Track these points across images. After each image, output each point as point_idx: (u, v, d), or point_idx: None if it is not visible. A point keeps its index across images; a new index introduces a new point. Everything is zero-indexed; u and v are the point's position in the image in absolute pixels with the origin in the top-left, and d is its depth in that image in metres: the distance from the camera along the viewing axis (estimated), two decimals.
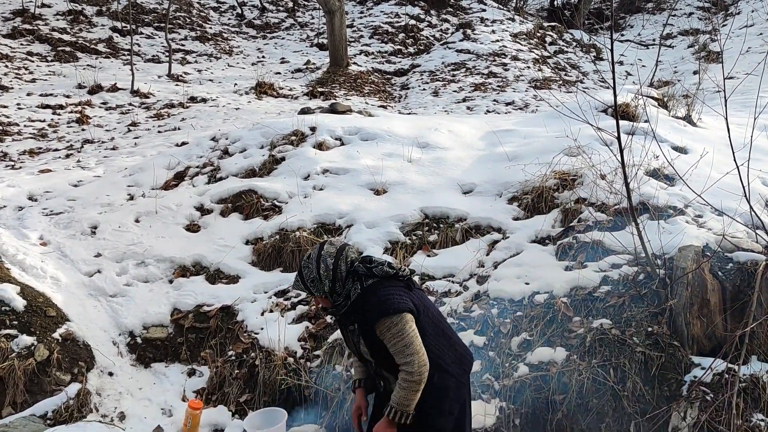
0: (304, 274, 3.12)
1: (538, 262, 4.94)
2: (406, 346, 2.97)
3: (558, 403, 4.06)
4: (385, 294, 3.05)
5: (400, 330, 2.97)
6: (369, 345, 3.11)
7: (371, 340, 3.08)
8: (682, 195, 5.21)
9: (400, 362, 2.97)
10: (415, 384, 2.97)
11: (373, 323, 3.01)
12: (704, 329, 4.27)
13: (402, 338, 2.97)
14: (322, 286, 3.09)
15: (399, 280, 3.17)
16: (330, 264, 3.09)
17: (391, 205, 5.99)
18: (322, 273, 3.08)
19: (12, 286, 4.94)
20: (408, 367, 2.95)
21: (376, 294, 3.05)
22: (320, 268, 3.09)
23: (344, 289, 3.11)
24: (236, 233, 6.04)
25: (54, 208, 6.54)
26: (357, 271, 3.13)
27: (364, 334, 3.10)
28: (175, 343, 5.21)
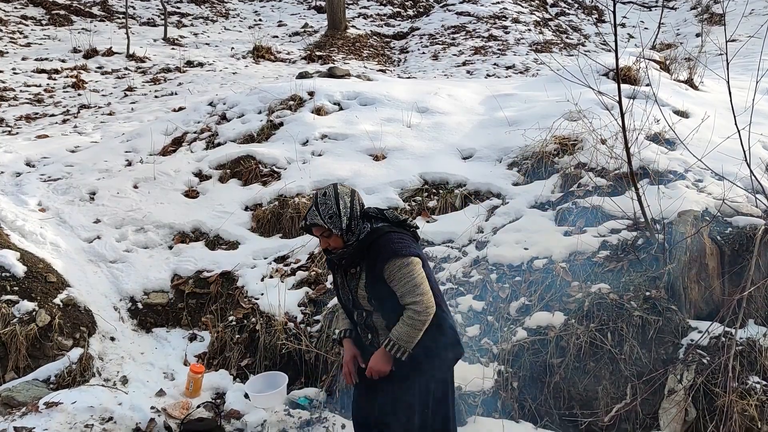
0: (322, 210, 3.07)
1: (537, 228, 4.95)
2: (416, 285, 2.98)
3: (556, 366, 4.10)
4: (397, 237, 3.07)
5: (411, 270, 2.98)
6: (370, 287, 3.07)
7: (374, 282, 3.05)
8: (683, 159, 5.19)
9: (408, 302, 2.98)
10: (420, 323, 2.98)
11: (385, 262, 2.99)
12: (702, 293, 4.29)
13: (413, 278, 2.97)
14: (340, 222, 3.06)
15: (406, 230, 3.19)
16: (348, 201, 3.09)
17: (391, 170, 5.97)
18: (342, 209, 3.06)
19: (12, 252, 4.95)
20: (416, 306, 2.97)
21: (387, 236, 3.06)
22: (340, 204, 3.07)
23: (357, 228, 3.10)
24: (235, 199, 6.03)
25: (52, 174, 6.52)
26: (368, 213, 3.16)
27: (368, 275, 3.06)
28: (176, 308, 5.24)
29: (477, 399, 4.03)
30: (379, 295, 3.07)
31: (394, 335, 3.02)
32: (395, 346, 3.02)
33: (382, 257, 3.00)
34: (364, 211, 3.16)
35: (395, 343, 3.02)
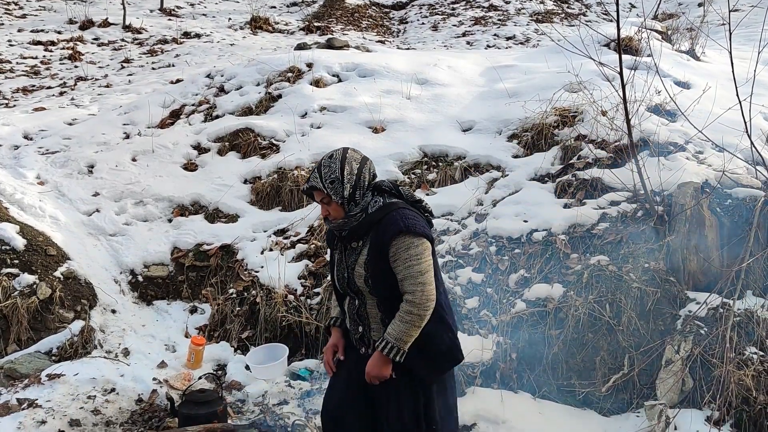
0: (324, 173, 2.75)
1: (537, 200, 4.94)
2: (421, 272, 2.64)
3: (554, 337, 4.13)
4: (412, 214, 2.74)
5: (419, 253, 2.65)
6: (372, 264, 2.74)
7: (377, 260, 2.73)
8: (684, 131, 5.16)
9: (408, 289, 2.65)
10: (418, 318, 2.63)
11: (394, 236, 2.66)
12: (701, 265, 4.30)
13: (419, 262, 2.64)
14: (342, 189, 2.73)
15: (421, 212, 2.87)
16: (355, 168, 2.76)
17: (390, 143, 5.94)
18: (346, 175, 2.73)
19: (11, 225, 4.95)
20: (414, 297, 2.62)
21: (400, 211, 2.73)
22: (345, 170, 2.74)
23: (363, 200, 2.77)
24: (234, 172, 6.01)
25: (50, 147, 6.49)
26: (381, 186, 2.83)
27: (372, 250, 2.74)
28: (176, 281, 5.26)
29: (476, 370, 4.06)
30: (379, 275, 2.74)
31: (390, 335, 2.67)
32: (393, 348, 2.67)
33: (392, 230, 2.67)
34: (377, 183, 2.83)
35: (393, 345, 2.66)
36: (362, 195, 2.76)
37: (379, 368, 2.74)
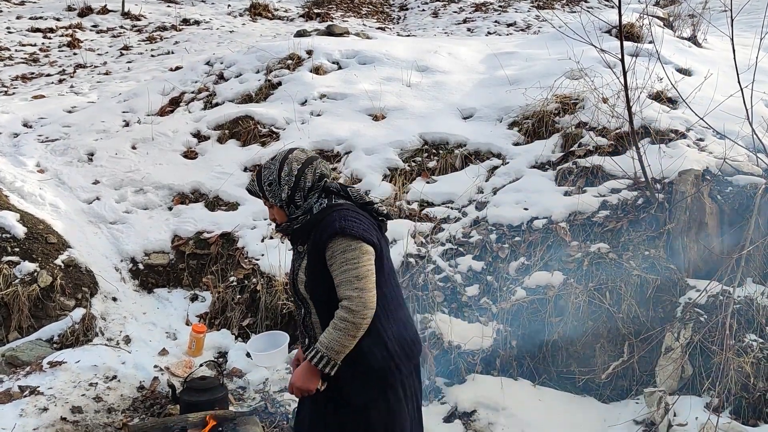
0: (264, 175, 2.62)
1: (538, 188, 4.94)
2: (358, 277, 2.41)
3: (554, 325, 4.14)
4: (353, 216, 2.52)
5: (356, 257, 2.43)
6: (310, 270, 2.55)
7: (314, 264, 2.53)
8: (685, 118, 5.15)
9: (344, 295, 2.42)
10: (353, 327, 2.38)
11: (328, 238, 2.46)
12: (701, 252, 4.31)
13: (356, 267, 2.42)
14: (279, 192, 2.58)
15: (372, 215, 2.65)
16: (295, 169, 2.58)
17: (390, 131, 5.92)
18: (284, 177, 2.58)
19: (11, 213, 4.94)
20: (350, 303, 2.39)
21: (341, 212, 2.52)
22: (282, 171, 2.59)
23: (305, 202, 2.60)
24: (234, 160, 6.00)
25: (49, 135, 6.47)
26: (328, 187, 2.62)
27: (310, 253, 2.54)
28: (177, 269, 5.26)
29: (476, 357, 4.08)
30: (317, 281, 2.54)
31: (321, 343, 2.42)
32: (323, 359, 2.41)
33: (328, 231, 2.46)
34: (325, 185, 2.62)
35: (323, 355, 2.41)
36: (304, 197, 2.60)
37: (303, 380, 2.49)
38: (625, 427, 3.62)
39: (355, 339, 2.41)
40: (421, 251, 4.72)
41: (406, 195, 5.29)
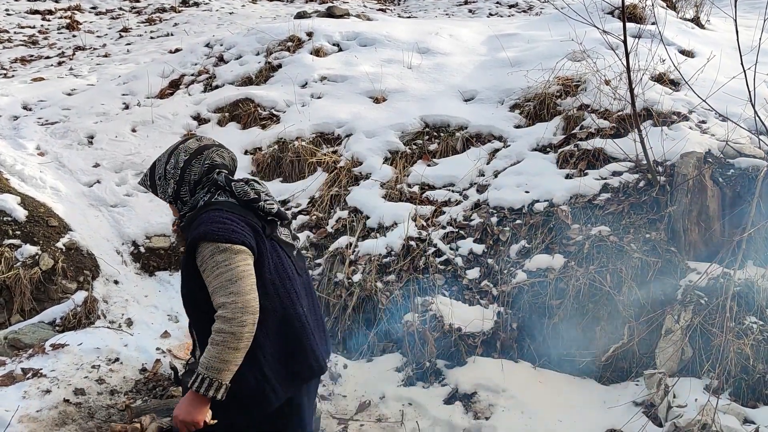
0: (156, 168, 2.44)
1: (539, 171, 4.93)
2: (231, 281, 2.13)
3: (554, 307, 4.15)
4: (222, 216, 2.24)
5: (226, 259, 2.16)
6: (183, 276, 2.33)
7: (187, 269, 2.28)
8: (687, 100, 5.12)
9: (218, 303, 2.14)
10: (232, 338, 2.08)
11: (194, 244, 2.21)
12: (702, 235, 4.31)
13: (228, 270, 2.14)
14: (166, 186, 2.39)
15: (258, 214, 2.37)
16: (181, 161, 2.38)
17: (391, 113, 5.90)
18: (169, 170, 2.39)
19: (12, 196, 4.94)
20: (225, 311, 2.10)
21: (210, 213, 2.26)
22: (169, 163, 2.39)
23: (192, 198, 2.37)
24: (234, 143, 5.98)
25: (49, 118, 6.45)
26: (216, 181, 2.38)
27: (184, 257, 2.30)
28: (179, 252, 5.27)
29: (476, 340, 4.09)
30: (190, 288, 2.30)
31: (202, 365, 2.12)
32: (204, 382, 2.10)
33: (193, 236, 2.22)
34: (210, 177, 2.38)
35: (204, 377, 2.11)
36: (190, 191, 2.37)
37: (186, 411, 2.14)
38: (624, 408, 3.64)
39: (239, 351, 2.11)
40: (422, 234, 4.72)
41: (406, 178, 5.28)
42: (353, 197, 5.16)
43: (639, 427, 3.46)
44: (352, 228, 4.96)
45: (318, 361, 2.38)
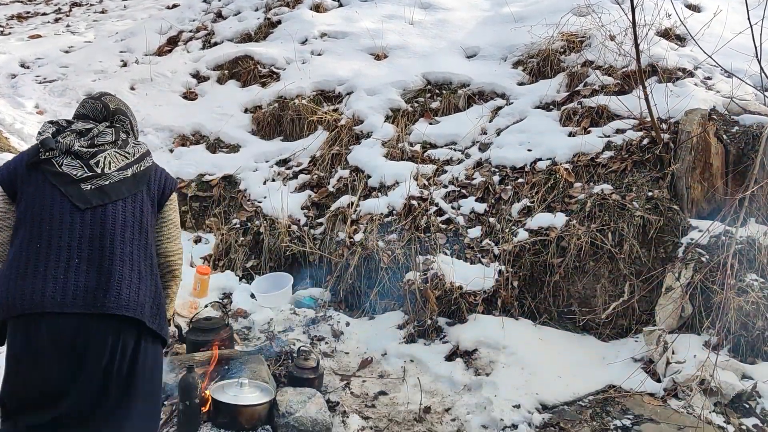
0: None
1: (542, 128, 4.88)
2: None
3: (556, 266, 4.16)
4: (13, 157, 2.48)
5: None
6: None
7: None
8: (693, 56, 5.05)
9: None
10: None
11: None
12: (705, 193, 4.29)
13: None
14: None
15: (38, 149, 2.37)
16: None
17: (392, 70, 5.83)
18: None
19: (12, 155, 4.91)
20: None
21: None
22: None
23: None
24: (234, 101, 5.93)
25: (47, 76, 6.39)
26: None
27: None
28: (180, 211, 5.25)
29: (477, 298, 4.11)
30: None
31: None
32: None
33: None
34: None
35: None
36: None
37: None
38: (623, 364, 3.68)
39: None
40: (424, 193, 4.71)
41: (408, 136, 5.25)
42: (354, 156, 5.13)
43: (638, 382, 3.51)
44: (353, 187, 4.94)
45: (7, 298, 2.21)
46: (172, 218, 2.58)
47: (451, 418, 3.42)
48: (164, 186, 2.53)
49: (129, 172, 2.42)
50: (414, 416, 3.42)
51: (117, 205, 2.34)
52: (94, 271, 2.23)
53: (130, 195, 2.39)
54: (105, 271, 2.24)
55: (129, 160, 2.45)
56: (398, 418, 3.41)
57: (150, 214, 2.45)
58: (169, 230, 2.57)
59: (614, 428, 3.23)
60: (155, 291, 2.37)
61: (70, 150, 2.36)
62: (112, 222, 2.31)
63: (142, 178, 2.45)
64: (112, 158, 2.41)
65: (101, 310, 2.19)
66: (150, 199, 2.46)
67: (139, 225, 2.38)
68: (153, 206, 2.47)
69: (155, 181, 2.50)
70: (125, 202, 2.37)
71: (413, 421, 3.39)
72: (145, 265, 2.36)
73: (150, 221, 2.45)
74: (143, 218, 2.40)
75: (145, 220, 2.41)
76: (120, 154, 2.44)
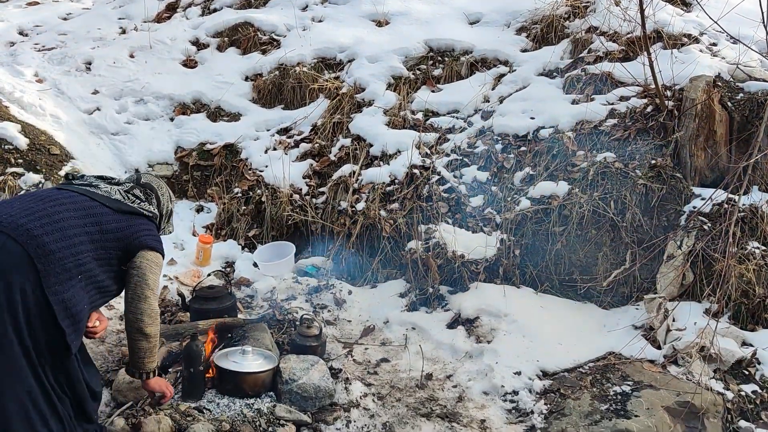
0: None
1: (545, 96, 4.84)
2: None
3: (557, 234, 4.17)
4: None
5: None
6: None
7: None
8: (699, 22, 4.98)
9: None
10: None
11: None
12: (708, 161, 4.27)
13: None
14: None
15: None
16: None
17: (394, 37, 5.76)
18: None
19: (12, 124, 4.90)
20: None
21: None
22: None
23: None
24: (234, 69, 5.88)
25: (46, 43, 6.33)
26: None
27: None
28: (182, 180, 5.26)
29: (479, 266, 4.13)
30: None
31: None
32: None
33: None
34: None
35: None
36: None
37: None
38: (624, 332, 3.71)
39: None
40: (426, 162, 4.69)
41: (410, 104, 5.21)
42: (356, 124, 5.10)
43: (638, 349, 3.54)
44: (355, 156, 4.92)
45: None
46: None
47: (452, 385, 3.46)
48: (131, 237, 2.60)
49: (116, 195, 2.65)
50: (416, 383, 3.46)
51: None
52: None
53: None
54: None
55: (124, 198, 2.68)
56: (400, 385, 3.45)
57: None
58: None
59: (614, 394, 3.26)
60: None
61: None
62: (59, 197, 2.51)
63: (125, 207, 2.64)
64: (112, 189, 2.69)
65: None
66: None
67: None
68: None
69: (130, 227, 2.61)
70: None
71: (415, 387, 3.43)
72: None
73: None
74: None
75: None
76: (121, 192, 2.70)
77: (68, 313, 2.32)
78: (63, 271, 2.31)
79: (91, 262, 2.43)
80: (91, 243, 2.44)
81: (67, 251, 2.34)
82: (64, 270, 2.32)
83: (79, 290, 2.38)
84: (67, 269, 2.33)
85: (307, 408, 3.12)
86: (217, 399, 3.08)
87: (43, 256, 2.26)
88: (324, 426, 3.06)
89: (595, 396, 3.27)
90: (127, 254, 2.57)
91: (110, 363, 3.42)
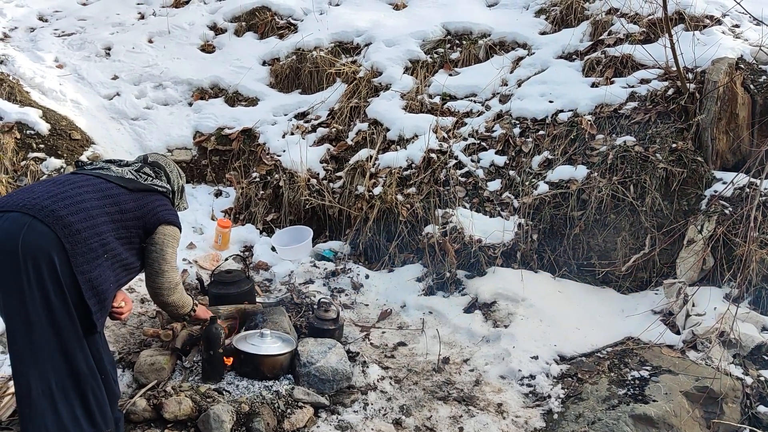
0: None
1: (564, 79, 4.80)
2: None
3: (576, 219, 4.14)
4: None
5: None
6: None
7: None
8: (721, 2, 4.90)
9: None
10: None
11: None
12: (730, 144, 4.22)
13: None
14: None
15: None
16: None
17: (412, 20, 5.72)
18: None
19: (34, 109, 4.95)
20: None
21: None
22: None
23: None
24: (252, 53, 5.89)
25: (66, 29, 6.37)
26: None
27: None
28: (200, 165, 5.30)
29: (497, 251, 4.12)
30: None
31: None
32: None
33: None
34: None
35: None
36: None
37: None
38: (643, 317, 3.69)
39: None
40: (443, 146, 4.67)
41: (428, 88, 5.19)
42: (373, 109, 5.09)
43: (657, 334, 3.52)
44: (372, 140, 4.92)
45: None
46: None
47: (469, 369, 3.47)
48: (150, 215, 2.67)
49: (128, 176, 2.70)
50: (433, 366, 3.47)
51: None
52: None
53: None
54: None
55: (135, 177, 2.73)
56: (417, 368, 3.46)
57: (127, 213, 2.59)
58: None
59: (632, 379, 3.25)
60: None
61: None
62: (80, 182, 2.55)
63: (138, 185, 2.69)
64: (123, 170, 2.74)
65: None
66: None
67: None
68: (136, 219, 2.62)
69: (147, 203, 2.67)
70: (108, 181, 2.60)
71: (432, 371, 3.45)
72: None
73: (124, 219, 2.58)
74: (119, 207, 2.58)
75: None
76: (132, 172, 2.74)
77: (95, 291, 2.37)
78: (89, 251, 2.36)
79: (113, 241, 2.48)
80: (112, 223, 2.49)
81: (92, 231, 2.39)
82: (90, 249, 2.37)
83: (106, 269, 2.43)
84: (92, 249, 2.38)
85: (324, 390, 3.15)
86: (236, 381, 3.11)
87: (70, 236, 2.31)
88: (342, 408, 3.09)
89: (612, 381, 3.26)
90: (146, 231, 2.64)
91: (131, 345, 3.46)
